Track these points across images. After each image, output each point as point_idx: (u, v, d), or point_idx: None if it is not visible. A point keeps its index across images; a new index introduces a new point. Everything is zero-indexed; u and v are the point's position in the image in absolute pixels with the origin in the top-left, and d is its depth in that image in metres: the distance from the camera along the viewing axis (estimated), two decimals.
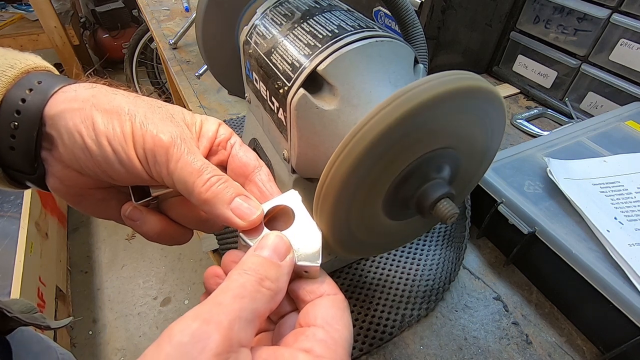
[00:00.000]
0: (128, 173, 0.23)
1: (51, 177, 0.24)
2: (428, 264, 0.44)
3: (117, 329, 1.27)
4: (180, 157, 0.22)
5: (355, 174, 0.21)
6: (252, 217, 0.22)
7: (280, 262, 0.20)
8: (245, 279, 0.18)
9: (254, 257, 0.20)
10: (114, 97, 0.23)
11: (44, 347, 0.46)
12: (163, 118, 0.23)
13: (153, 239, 0.26)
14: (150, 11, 1.08)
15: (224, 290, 0.18)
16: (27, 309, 0.38)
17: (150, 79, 1.97)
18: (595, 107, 0.64)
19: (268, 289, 0.19)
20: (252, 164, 0.26)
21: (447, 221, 0.24)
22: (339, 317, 0.20)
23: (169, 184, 0.23)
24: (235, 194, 0.23)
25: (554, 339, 0.38)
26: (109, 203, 0.26)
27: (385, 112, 0.20)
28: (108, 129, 0.22)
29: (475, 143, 0.26)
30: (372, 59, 0.29)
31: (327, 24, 0.31)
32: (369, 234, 0.28)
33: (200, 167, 0.22)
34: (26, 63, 0.23)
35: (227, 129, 0.27)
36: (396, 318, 0.39)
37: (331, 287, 0.22)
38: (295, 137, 0.31)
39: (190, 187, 0.22)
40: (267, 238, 0.21)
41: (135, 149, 0.22)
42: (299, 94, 0.28)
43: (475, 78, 0.22)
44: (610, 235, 0.37)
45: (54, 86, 0.23)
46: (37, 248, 1.11)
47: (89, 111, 0.22)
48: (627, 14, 0.56)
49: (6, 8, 2.04)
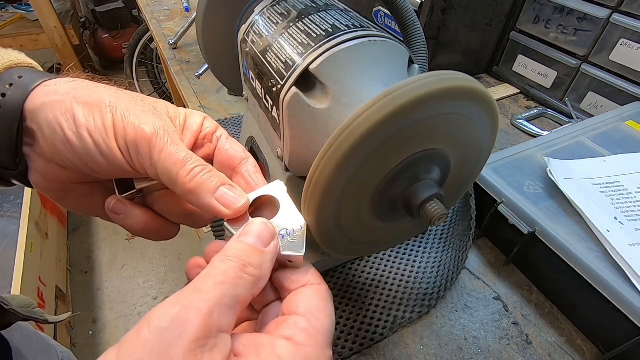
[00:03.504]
0: (110, 165, 0.22)
1: (33, 172, 0.24)
2: (422, 267, 0.44)
3: (117, 329, 1.27)
4: (163, 147, 0.22)
5: (342, 171, 0.21)
6: (237, 206, 0.22)
7: (264, 249, 0.20)
8: (228, 265, 0.18)
9: (238, 243, 0.20)
10: (95, 89, 0.23)
11: (44, 345, 0.46)
12: (145, 110, 0.23)
13: (138, 233, 0.26)
14: (150, 11, 1.08)
15: (205, 276, 0.18)
16: (26, 304, 0.38)
17: (150, 79, 1.96)
18: (595, 107, 0.64)
19: (250, 275, 0.19)
20: (239, 156, 0.26)
21: (436, 222, 0.24)
22: (322, 306, 0.20)
23: (153, 176, 0.23)
24: (220, 183, 0.23)
25: (554, 339, 0.38)
26: (93, 198, 0.26)
27: (371, 112, 0.20)
28: (89, 121, 0.22)
29: (466, 144, 0.26)
30: (364, 59, 0.28)
31: (321, 23, 0.31)
32: (357, 233, 0.28)
33: (184, 158, 0.22)
34: (9, 59, 0.23)
35: (213, 123, 0.27)
36: (388, 319, 0.39)
37: (315, 277, 0.22)
38: (287, 135, 0.31)
39: (174, 178, 0.22)
40: (252, 224, 0.21)
41: (117, 141, 0.22)
42: (291, 92, 0.28)
43: (465, 79, 0.21)
44: (610, 235, 0.37)
45: (35, 81, 0.22)
46: (37, 248, 1.11)
47: (70, 104, 0.22)
48: (627, 14, 0.56)
49: (6, 8, 2.04)
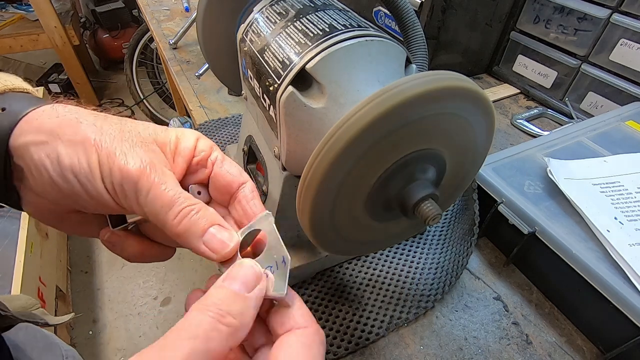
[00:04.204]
0: (99, 205, 0.22)
1: (26, 204, 0.23)
2: (420, 268, 0.44)
3: (117, 329, 1.27)
4: (150, 188, 0.21)
5: (335, 170, 0.21)
6: (225, 251, 0.22)
7: (247, 294, 0.19)
8: (203, 317, 0.17)
9: (219, 289, 0.19)
10: (78, 126, 0.22)
11: (48, 343, 0.47)
12: (133, 144, 0.22)
13: (134, 260, 0.25)
14: (150, 11, 1.08)
15: (177, 329, 0.17)
16: (29, 305, 0.37)
17: (150, 79, 1.96)
18: (595, 107, 0.64)
19: (228, 326, 0.17)
20: (237, 181, 0.25)
21: (430, 222, 0.24)
22: (303, 355, 0.19)
23: (142, 215, 0.22)
24: (209, 224, 0.22)
25: (554, 339, 0.38)
26: (89, 225, 0.26)
27: (364, 111, 0.20)
28: (73, 162, 0.21)
29: (462, 144, 0.26)
30: (360, 58, 0.28)
31: (319, 22, 0.30)
32: (352, 232, 0.28)
33: (172, 198, 0.21)
34: (2, 84, 0.23)
35: (207, 143, 0.26)
36: (384, 319, 0.39)
37: (304, 319, 0.21)
38: (284, 135, 0.31)
39: (162, 220, 0.21)
40: (239, 268, 0.20)
41: (103, 181, 0.21)
42: (287, 91, 0.28)
43: (459, 79, 0.21)
44: (610, 235, 0.37)
45: (20, 112, 0.22)
46: (37, 248, 1.11)
47: (53, 144, 0.21)
48: (627, 14, 0.56)
49: (6, 8, 2.03)
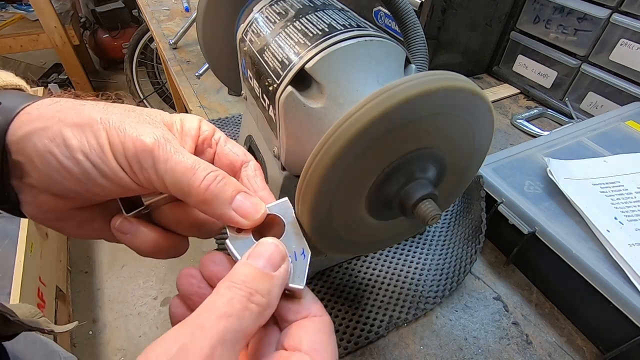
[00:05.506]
0: (114, 185, 0.21)
1: (26, 204, 0.22)
2: (420, 268, 0.44)
3: (117, 329, 1.27)
4: (168, 157, 0.20)
5: (334, 170, 0.21)
6: (256, 216, 0.21)
7: (273, 273, 0.19)
8: (234, 294, 0.17)
9: (246, 267, 0.18)
10: (81, 108, 0.21)
11: (48, 351, 0.47)
12: (140, 121, 0.21)
13: (147, 253, 0.24)
14: (150, 11, 1.08)
15: (209, 307, 0.16)
16: (32, 314, 0.37)
17: (150, 79, 1.96)
18: (595, 107, 0.64)
19: (257, 305, 0.17)
20: (240, 159, 0.25)
21: (429, 222, 0.24)
22: (325, 342, 0.19)
23: (161, 189, 0.21)
24: (236, 192, 0.21)
25: (554, 339, 0.38)
26: (93, 223, 0.24)
27: (363, 111, 0.20)
28: (82, 143, 0.20)
29: (461, 144, 0.26)
30: (360, 58, 0.28)
31: (318, 22, 0.31)
32: (352, 232, 0.28)
33: (193, 164, 0.20)
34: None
35: (209, 125, 0.26)
36: (383, 319, 0.39)
37: (317, 307, 0.21)
38: (283, 134, 0.31)
39: (185, 188, 0.20)
40: (263, 245, 0.20)
41: (116, 158, 0.20)
42: (286, 91, 0.28)
43: (458, 78, 0.21)
44: (610, 235, 0.37)
45: (15, 108, 0.20)
46: (37, 248, 1.11)
47: (57, 128, 0.20)
48: (627, 14, 0.56)
49: (6, 8, 2.03)
